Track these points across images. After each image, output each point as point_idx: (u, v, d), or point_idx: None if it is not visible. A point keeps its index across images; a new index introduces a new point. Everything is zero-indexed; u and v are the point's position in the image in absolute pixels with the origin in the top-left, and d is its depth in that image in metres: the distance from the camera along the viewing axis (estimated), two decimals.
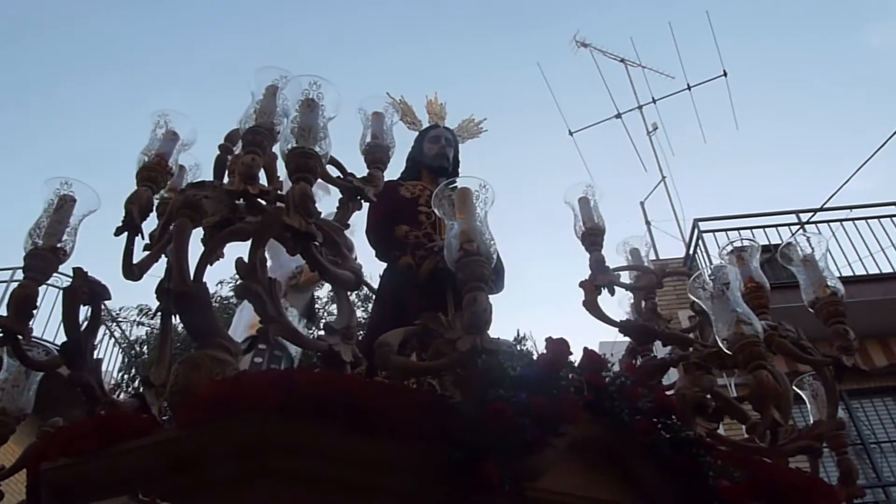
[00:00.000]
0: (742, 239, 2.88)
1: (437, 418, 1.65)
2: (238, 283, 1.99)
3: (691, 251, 8.20)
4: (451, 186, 1.97)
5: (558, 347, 1.90)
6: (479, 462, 1.58)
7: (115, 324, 8.78)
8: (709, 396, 2.15)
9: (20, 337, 1.92)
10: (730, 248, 2.77)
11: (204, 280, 1.94)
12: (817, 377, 2.77)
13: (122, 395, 8.44)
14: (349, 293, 2.08)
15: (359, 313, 8.46)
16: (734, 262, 2.74)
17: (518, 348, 2.16)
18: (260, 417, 1.57)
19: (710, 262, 7.59)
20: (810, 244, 2.48)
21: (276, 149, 2.12)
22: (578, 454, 1.79)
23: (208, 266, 2.00)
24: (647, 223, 9.62)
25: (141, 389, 2.19)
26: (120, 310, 9.14)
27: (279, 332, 1.76)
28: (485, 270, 1.74)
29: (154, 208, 2.25)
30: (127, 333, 9.07)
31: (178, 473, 1.63)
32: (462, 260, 1.75)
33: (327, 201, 2.73)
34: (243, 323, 3.67)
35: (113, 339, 8.59)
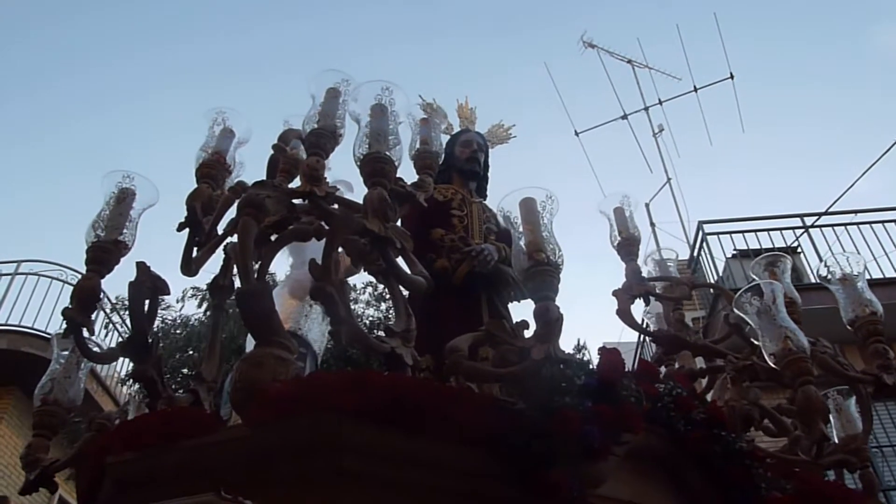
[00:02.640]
0: (772, 252, 2.92)
1: (503, 423, 1.68)
2: None
3: (695, 254, 8.24)
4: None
5: (614, 357, 1.94)
6: (548, 468, 1.61)
7: (116, 313, 8.67)
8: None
9: (84, 329, 1.93)
10: (763, 260, 2.81)
11: (266, 279, 1.96)
12: (840, 392, 2.84)
13: (125, 389, 8.38)
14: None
15: (371, 312, 8.43)
16: (763, 275, 2.79)
17: (579, 357, 2.18)
18: (334, 418, 1.59)
19: (714, 265, 7.65)
20: (850, 264, 2.54)
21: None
22: (635, 463, 1.82)
23: None
24: (652, 225, 9.66)
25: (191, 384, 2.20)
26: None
27: (349, 334, 1.78)
28: (555, 280, 1.77)
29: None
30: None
31: (248, 471, 1.65)
32: (532, 269, 1.78)
33: None
34: None
35: (116, 331, 8.51)
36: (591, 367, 1.87)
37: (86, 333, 1.99)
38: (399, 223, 3.21)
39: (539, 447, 1.62)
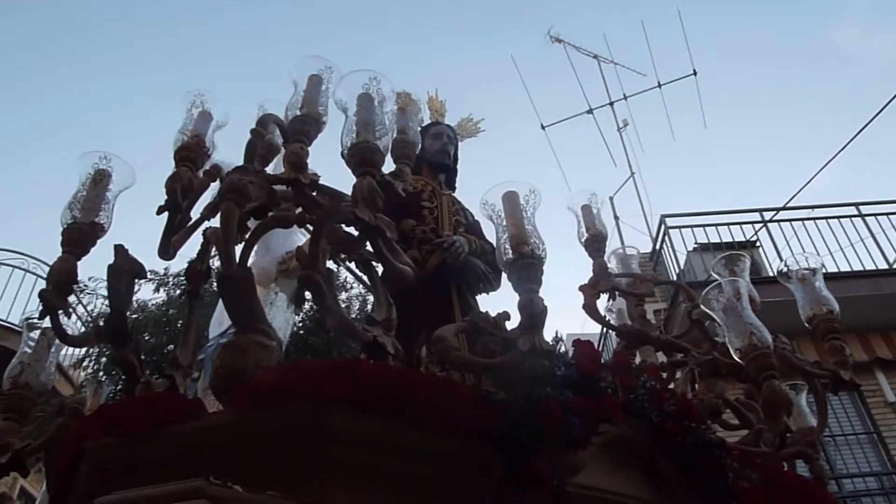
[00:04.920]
0: (732, 251, 2.99)
1: (487, 413, 1.69)
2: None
3: (658, 247, 8.41)
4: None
5: (589, 349, 1.97)
6: (531, 457, 1.63)
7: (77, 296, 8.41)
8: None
9: (59, 311, 1.87)
10: (723, 260, 2.87)
11: (249, 265, 1.93)
12: (792, 387, 2.94)
13: (82, 373, 8.15)
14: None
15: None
16: (724, 273, 2.86)
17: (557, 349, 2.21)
18: (323, 406, 1.58)
19: (676, 258, 7.83)
20: (808, 263, 2.62)
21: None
22: (611, 452, 1.86)
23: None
24: (616, 218, 9.83)
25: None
26: (89, 280, 8.63)
27: (334, 321, 1.77)
28: (539, 273, 1.78)
29: None
30: (91, 306, 8.67)
31: (235, 458, 1.62)
32: (516, 262, 1.79)
33: None
34: None
35: (74, 313, 8.28)
36: (568, 359, 1.90)
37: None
38: None
39: (523, 437, 1.64)
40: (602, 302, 3.26)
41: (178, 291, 8.18)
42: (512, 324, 1.90)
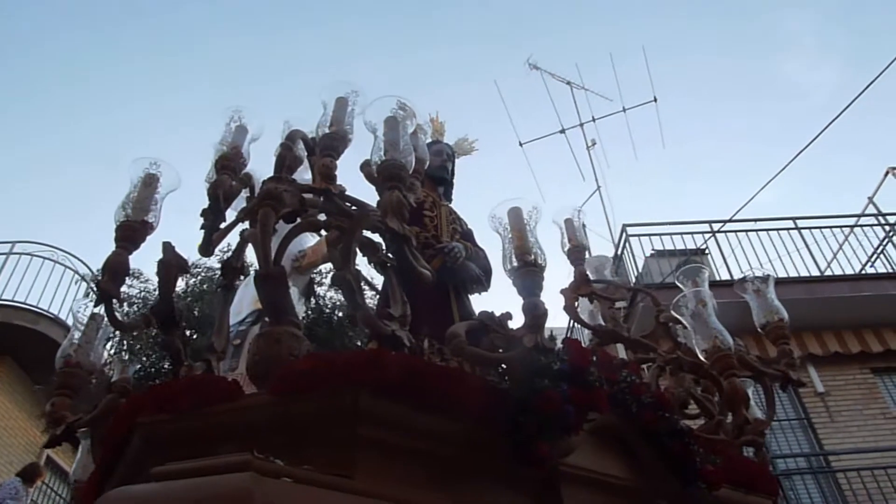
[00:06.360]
0: (693, 264, 3.07)
1: (492, 400, 1.74)
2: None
3: (619, 252, 8.61)
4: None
5: (580, 347, 2.03)
6: (532, 440, 1.68)
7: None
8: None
9: (114, 299, 1.88)
10: (687, 271, 2.95)
11: (282, 264, 1.96)
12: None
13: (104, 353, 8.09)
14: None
15: (332, 294, 8.35)
16: (687, 283, 2.94)
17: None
18: (354, 391, 1.62)
19: (635, 262, 8.01)
20: (762, 278, 2.71)
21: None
22: (597, 437, 1.92)
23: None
24: (583, 226, 10.00)
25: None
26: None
27: (363, 317, 1.80)
28: (541, 279, 1.84)
29: None
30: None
31: (268, 435, 1.65)
32: (521, 269, 1.85)
33: None
34: (249, 297, 3.59)
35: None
36: (563, 355, 1.96)
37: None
38: None
39: (526, 422, 1.69)
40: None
41: (192, 282, 8.16)
42: (512, 323, 1.96)
